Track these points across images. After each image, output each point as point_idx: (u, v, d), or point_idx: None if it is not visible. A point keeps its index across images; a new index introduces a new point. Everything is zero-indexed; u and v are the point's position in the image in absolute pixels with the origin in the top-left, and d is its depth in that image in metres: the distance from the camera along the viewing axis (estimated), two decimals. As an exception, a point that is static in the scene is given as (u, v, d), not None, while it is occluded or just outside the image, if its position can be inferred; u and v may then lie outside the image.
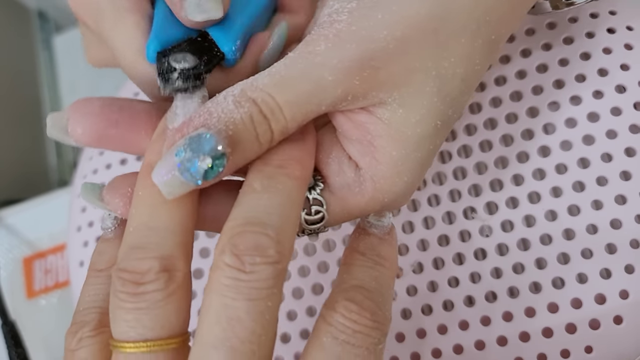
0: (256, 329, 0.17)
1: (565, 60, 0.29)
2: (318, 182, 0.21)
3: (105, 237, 0.22)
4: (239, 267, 0.18)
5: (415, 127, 0.20)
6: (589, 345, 0.26)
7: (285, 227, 0.18)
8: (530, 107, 0.29)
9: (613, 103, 0.28)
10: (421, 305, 0.28)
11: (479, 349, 0.27)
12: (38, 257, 0.43)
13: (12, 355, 0.36)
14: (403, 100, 0.20)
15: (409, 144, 0.20)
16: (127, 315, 0.18)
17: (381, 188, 0.21)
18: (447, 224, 0.29)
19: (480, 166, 0.29)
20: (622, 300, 0.26)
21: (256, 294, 0.18)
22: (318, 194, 0.21)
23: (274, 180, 0.19)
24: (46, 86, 0.61)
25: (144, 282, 0.18)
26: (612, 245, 0.27)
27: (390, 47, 0.19)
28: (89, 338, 0.19)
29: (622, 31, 0.29)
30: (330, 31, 0.20)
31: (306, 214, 0.21)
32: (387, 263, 0.21)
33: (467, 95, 0.21)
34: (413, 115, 0.20)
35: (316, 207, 0.21)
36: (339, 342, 0.19)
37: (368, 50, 0.19)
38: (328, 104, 0.20)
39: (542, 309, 0.27)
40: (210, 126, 0.18)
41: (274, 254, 0.18)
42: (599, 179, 0.28)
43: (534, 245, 0.28)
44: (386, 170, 0.20)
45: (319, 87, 0.19)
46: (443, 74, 0.20)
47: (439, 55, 0.20)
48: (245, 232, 0.18)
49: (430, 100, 0.20)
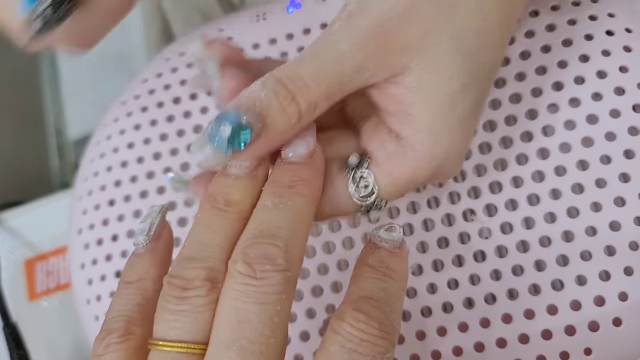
0: (265, 331, 0.19)
1: (564, 62, 0.29)
2: (364, 160, 0.22)
3: (137, 252, 0.23)
4: (250, 274, 0.19)
5: (443, 89, 0.21)
6: (588, 347, 0.26)
7: (294, 240, 0.20)
8: (530, 109, 0.29)
9: (612, 105, 0.28)
10: (420, 307, 0.28)
11: (478, 351, 0.27)
12: (40, 259, 0.44)
13: (14, 357, 0.36)
14: (425, 64, 0.21)
15: (441, 105, 0.21)
16: (170, 315, 0.20)
17: (424, 155, 0.22)
18: (446, 226, 0.29)
19: (479, 168, 0.29)
20: (621, 303, 0.26)
21: (265, 299, 0.19)
22: (365, 169, 0.22)
23: (284, 198, 0.21)
24: (48, 88, 0.62)
25: (190, 287, 0.20)
26: (611, 247, 0.27)
27: (400, 12, 0.21)
28: (115, 344, 0.20)
29: (621, 33, 0.29)
30: (343, 13, 0.21)
31: (356, 191, 0.22)
32: (396, 275, 0.21)
33: (487, 51, 0.22)
34: (438, 77, 0.21)
35: (365, 181, 0.22)
36: (346, 350, 0.19)
37: (377, 19, 0.21)
38: (351, 73, 0.21)
39: (542, 311, 0.27)
40: (240, 106, 0.20)
41: (282, 262, 0.19)
42: (598, 181, 0.28)
43: (533, 247, 0.28)
44: (424, 136, 0.21)
45: (339, 59, 0.21)
46: (458, 34, 0.21)
47: (449, 14, 0.21)
48: (256, 243, 0.20)
49: (451, 59, 0.21)
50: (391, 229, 0.22)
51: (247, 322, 0.19)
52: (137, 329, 0.21)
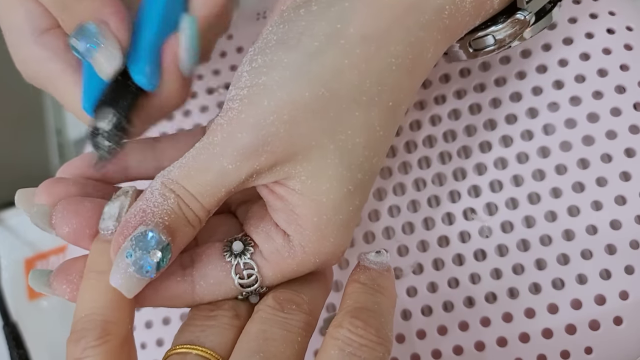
0: (286, 351, 0.20)
1: (564, 61, 0.29)
2: (248, 247, 0.22)
3: (105, 239, 0.22)
4: (278, 308, 0.21)
5: (327, 194, 0.21)
6: (588, 346, 0.26)
7: (314, 301, 0.22)
8: (530, 108, 0.29)
9: (613, 104, 0.28)
10: (421, 306, 0.28)
11: (478, 349, 0.27)
12: (40, 258, 0.44)
13: (14, 357, 0.36)
14: (308, 172, 0.21)
15: (327, 209, 0.21)
16: (196, 328, 0.22)
17: (310, 251, 0.22)
18: (446, 224, 0.29)
19: (479, 167, 0.29)
20: (622, 301, 0.26)
21: (289, 327, 0.21)
22: (249, 259, 0.22)
23: None
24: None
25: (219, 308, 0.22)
26: (612, 245, 0.27)
27: (281, 130, 0.21)
28: (93, 348, 0.20)
29: (621, 31, 0.29)
30: (225, 120, 0.21)
31: (239, 278, 0.22)
32: (386, 292, 0.22)
33: (374, 158, 0.22)
34: (322, 184, 0.21)
35: (248, 270, 0.22)
36: (345, 354, 0.20)
37: (259, 136, 0.20)
38: (236, 186, 0.21)
39: (542, 309, 0.27)
40: (148, 222, 0.20)
41: (306, 308, 0.22)
42: (599, 179, 0.27)
43: (533, 246, 0.28)
44: (311, 234, 0.22)
45: (223, 175, 0.21)
46: (342, 146, 0.21)
47: (333, 130, 0.21)
48: (285, 292, 0.22)
49: (335, 170, 0.21)
50: (380, 254, 0.23)
51: (272, 340, 0.20)
52: (114, 327, 0.20)
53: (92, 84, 0.24)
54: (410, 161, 0.30)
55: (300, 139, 0.21)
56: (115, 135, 0.23)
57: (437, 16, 0.22)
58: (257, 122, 0.20)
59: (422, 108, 0.31)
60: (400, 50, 0.21)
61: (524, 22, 0.25)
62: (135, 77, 0.24)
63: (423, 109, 0.31)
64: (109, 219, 0.22)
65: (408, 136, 0.30)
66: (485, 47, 0.25)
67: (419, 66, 0.22)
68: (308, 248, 0.22)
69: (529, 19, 0.25)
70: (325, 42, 0.21)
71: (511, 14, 0.25)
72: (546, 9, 0.25)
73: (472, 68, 0.31)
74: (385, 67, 0.21)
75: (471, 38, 0.25)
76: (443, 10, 0.22)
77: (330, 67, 0.21)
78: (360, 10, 0.21)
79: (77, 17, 0.24)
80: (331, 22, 0.21)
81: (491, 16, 0.24)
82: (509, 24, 0.25)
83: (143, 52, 0.24)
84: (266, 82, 0.21)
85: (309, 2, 0.22)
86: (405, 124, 0.31)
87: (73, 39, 0.23)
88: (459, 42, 0.25)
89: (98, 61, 0.23)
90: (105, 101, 0.24)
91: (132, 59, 0.24)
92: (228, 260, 0.22)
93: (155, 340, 0.32)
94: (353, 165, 0.21)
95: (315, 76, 0.21)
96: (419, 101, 0.31)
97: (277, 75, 0.21)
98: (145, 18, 0.25)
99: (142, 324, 0.32)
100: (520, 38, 0.25)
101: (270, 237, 0.22)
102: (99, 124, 0.23)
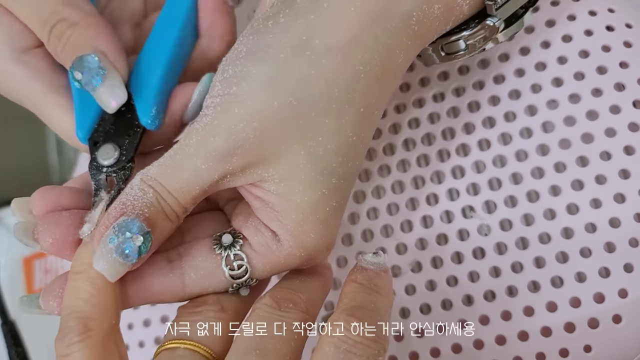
0: (283, 348, 0.21)
1: (563, 58, 0.29)
2: (237, 239, 0.23)
3: (84, 242, 0.23)
4: (275, 307, 0.22)
5: (302, 196, 0.22)
6: (587, 345, 0.26)
7: (312, 300, 0.23)
8: (529, 105, 0.29)
9: (612, 101, 0.28)
10: (420, 304, 0.28)
11: (477, 348, 0.27)
12: (38, 256, 0.44)
13: (12, 354, 0.36)
14: (280, 175, 0.22)
15: (303, 208, 0.22)
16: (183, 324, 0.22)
17: (294, 245, 0.23)
18: (445, 222, 0.29)
19: (478, 165, 0.29)
20: (621, 299, 0.26)
21: (286, 325, 0.21)
22: (238, 250, 0.23)
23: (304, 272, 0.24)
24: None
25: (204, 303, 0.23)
26: (611, 243, 0.27)
27: (251, 136, 0.21)
28: (77, 344, 0.20)
29: (620, 29, 0.29)
30: (200, 125, 0.22)
31: (230, 269, 0.23)
32: (383, 292, 0.22)
33: (349, 163, 0.23)
34: (295, 186, 0.22)
35: (238, 262, 0.23)
36: (341, 350, 0.20)
37: (230, 140, 0.21)
38: (210, 186, 0.22)
39: (541, 308, 0.27)
40: (129, 213, 0.21)
41: (304, 307, 0.22)
42: (598, 177, 0.27)
43: (532, 244, 0.28)
44: (293, 230, 0.22)
45: (197, 174, 0.22)
46: (313, 152, 0.22)
47: (303, 137, 0.22)
48: (283, 290, 0.22)
49: (307, 174, 0.22)
50: (377, 255, 0.23)
51: (269, 337, 0.21)
52: (94, 323, 0.21)
53: (86, 113, 0.25)
54: (408, 159, 0.30)
55: (270, 143, 0.22)
56: (118, 171, 0.24)
57: (405, 23, 0.22)
58: (229, 127, 0.21)
59: (420, 106, 0.31)
60: (368, 58, 0.22)
61: (494, 28, 0.25)
62: (142, 118, 0.24)
63: (422, 106, 0.31)
64: (88, 223, 0.23)
65: (406, 134, 0.30)
66: (457, 51, 0.26)
67: (390, 71, 0.23)
68: (292, 242, 0.22)
69: (498, 26, 0.25)
70: (291, 54, 0.22)
71: (482, 19, 0.25)
72: (518, 14, 0.26)
73: (471, 65, 0.31)
74: (354, 75, 0.22)
75: (443, 42, 0.26)
76: (410, 18, 0.22)
77: (296, 78, 0.22)
78: (326, 22, 0.22)
79: (74, 48, 0.24)
80: (297, 34, 0.22)
81: (462, 21, 0.25)
82: (479, 30, 0.25)
83: (151, 93, 0.25)
84: (237, 92, 0.22)
85: (277, 14, 0.22)
86: (404, 123, 0.31)
87: (75, 72, 0.24)
88: (431, 45, 0.26)
89: (102, 96, 0.24)
90: (103, 135, 0.25)
91: (139, 97, 0.25)
92: (218, 253, 0.23)
93: (154, 338, 0.32)
94: (326, 171, 0.22)
95: (282, 86, 0.21)
96: (417, 99, 0.31)
97: (247, 86, 0.22)
98: (155, 54, 0.25)
99: (140, 323, 0.32)
100: (493, 40, 0.26)
101: (259, 230, 0.23)
102: (100, 160, 0.24)
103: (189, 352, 0.21)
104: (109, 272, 0.21)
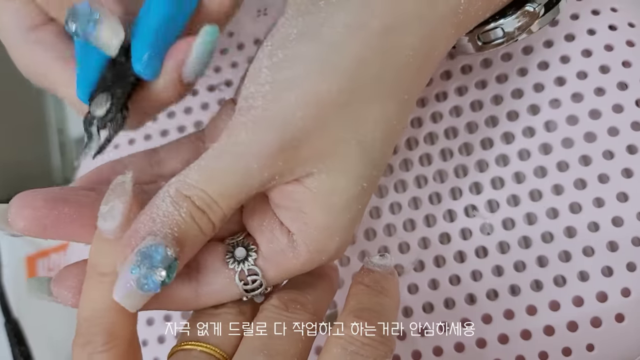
0: (291, 349, 0.20)
1: (566, 58, 0.29)
2: (251, 253, 0.22)
3: (105, 236, 0.21)
4: (283, 308, 0.21)
5: (342, 193, 0.21)
6: (590, 343, 0.26)
7: (319, 302, 0.22)
8: (532, 105, 0.29)
9: (615, 100, 0.28)
10: (422, 303, 0.28)
11: (480, 347, 0.27)
12: (41, 255, 0.44)
13: (16, 353, 0.37)
14: (329, 169, 0.21)
15: (337, 208, 0.21)
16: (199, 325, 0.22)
17: (315, 250, 0.21)
18: (448, 222, 0.29)
19: (481, 164, 0.29)
20: (623, 298, 0.26)
21: (294, 326, 0.21)
22: (252, 265, 0.22)
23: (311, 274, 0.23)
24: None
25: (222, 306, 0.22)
26: (613, 242, 0.27)
27: (308, 126, 0.20)
28: (100, 354, 0.19)
29: (623, 28, 0.29)
30: (248, 118, 0.20)
31: (244, 284, 0.22)
32: (389, 294, 0.22)
33: (389, 152, 0.22)
34: (340, 181, 0.21)
35: (252, 277, 0.22)
36: (348, 352, 0.20)
37: (286, 133, 0.20)
38: (258, 187, 0.21)
39: (544, 306, 0.27)
40: (156, 232, 0.19)
41: (311, 308, 0.22)
42: (601, 176, 0.27)
43: (535, 243, 0.28)
44: (317, 234, 0.21)
45: (247, 176, 0.20)
46: (363, 140, 0.21)
47: (355, 124, 0.21)
48: (290, 292, 0.22)
49: (355, 166, 0.21)
50: (384, 257, 0.23)
51: (277, 338, 0.20)
52: (120, 331, 0.20)
53: (87, 71, 0.24)
54: (411, 158, 0.30)
55: (328, 133, 0.20)
56: (109, 121, 0.22)
57: (453, 11, 0.22)
58: (284, 118, 0.20)
59: (423, 105, 0.31)
60: (417, 44, 0.21)
61: (534, 14, 0.24)
62: (135, 64, 0.23)
63: (424, 106, 0.31)
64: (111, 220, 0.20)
65: (409, 133, 0.30)
66: (493, 39, 0.25)
67: (430, 60, 0.22)
68: (313, 247, 0.21)
69: (539, 11, 0.24)
70: (346, 33, 0.20)
71: (520, 6, 0.24)
72: (554, 0, 0.25)
73: (474, 65, 0.31)
74: (402, 60, 0.21)
75: (480, 31, 0.25)
76: (459, 5, 0.22)
77: (353, 59, 0.20)
78: (381, 0, 0.21)
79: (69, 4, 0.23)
80: (351, 12, 0.20)
81: (500, 9, 0.24)
82: (518, 16, 0.24)
83: (144, 39, 0.23)
84: (290, 76, 0.20)
85: None
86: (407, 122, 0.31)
87: (69, 23, 0.22)
88: (467, 35, 0.25)
89: (101, 38, 0.22)
90: (100, 87, 0.23)
91: (134, 47, 0.23)
92: (231, 267, 0.22)
93: (157, 337, 0.32)
94: (371, 161, 0.21)
95: (340, 69, 0.20)
96: (420, 98, 0.31)
97: (302, 69, 0.20)
98: (153, 6, 0.24)
99: (144, 321, 0.32)
100: (528, 31, 0.25)
101: (275, 236, 0.22)
102: (93, 111, 0.23)
103: (205, 355, 0.21)
104: (129, 303, 0.19)
